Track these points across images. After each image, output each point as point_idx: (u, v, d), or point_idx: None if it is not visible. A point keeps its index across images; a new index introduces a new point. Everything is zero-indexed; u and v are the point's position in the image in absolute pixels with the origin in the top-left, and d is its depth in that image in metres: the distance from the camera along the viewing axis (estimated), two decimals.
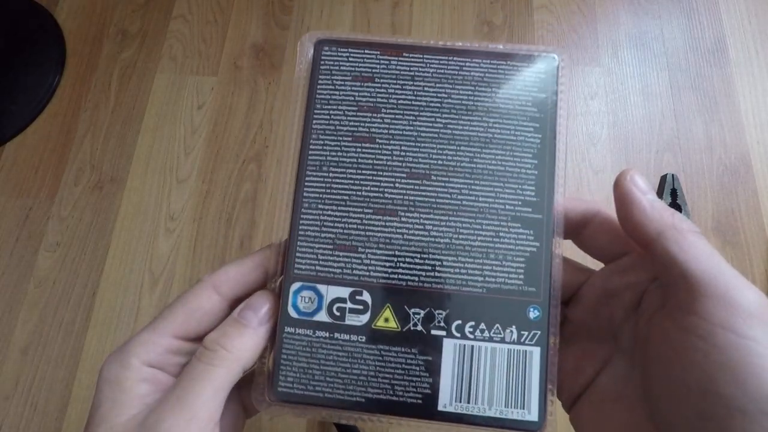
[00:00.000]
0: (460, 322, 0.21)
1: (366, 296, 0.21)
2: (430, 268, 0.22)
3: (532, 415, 0.21)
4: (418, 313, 0.21)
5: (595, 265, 0.23)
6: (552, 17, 0.54)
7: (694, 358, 0.17)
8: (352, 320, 0.21)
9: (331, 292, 0.21)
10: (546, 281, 0.22)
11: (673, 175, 0.45)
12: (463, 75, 0.23)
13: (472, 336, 0.21)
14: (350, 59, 0.23)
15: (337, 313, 0.21)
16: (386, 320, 0.21)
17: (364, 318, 0.21)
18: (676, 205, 0.44)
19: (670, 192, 0.45)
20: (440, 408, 0.20)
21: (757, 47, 0.53)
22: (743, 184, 0.48)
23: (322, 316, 0.21)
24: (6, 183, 0.48)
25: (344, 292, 0.21)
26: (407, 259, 0.22)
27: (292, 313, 0.21)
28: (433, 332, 0.21)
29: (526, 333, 0.22)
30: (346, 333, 0.21)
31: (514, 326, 0.21)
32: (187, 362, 0.20)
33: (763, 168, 0.48)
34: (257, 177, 0.48)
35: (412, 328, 0.21)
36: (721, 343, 0.16)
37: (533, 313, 0.22)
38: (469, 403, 0.21)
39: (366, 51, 0.23)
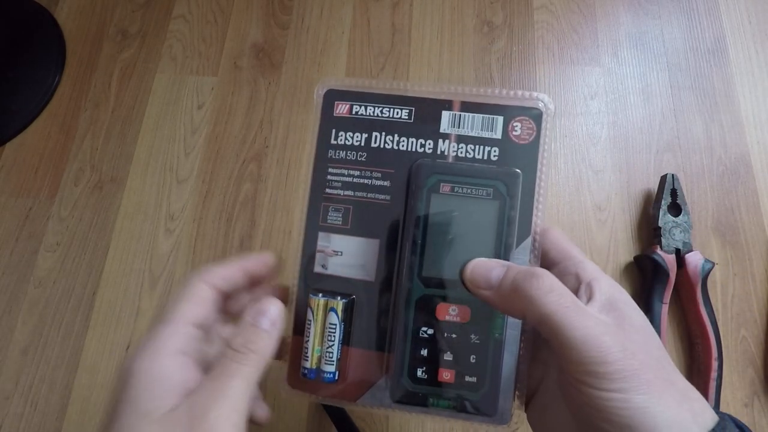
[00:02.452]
0: None
1: None
2: None
3: None
4: None
5: None
6: (552, 17, 0.54)
7: (573, 403, 0.21)
8: None
9: None
10: None
11: (673, 175, 0.45)
12: None
13: None
14: None
15: None
16: None
17: None
18: (676, 205, 0.44)
19: (670, 192, 0.45)
20: None
21: (757, 47, 0.53)
22: (743, 184, 0.48)
23: None
24: (6, 183, 0.48)
25: None
26: None
27: None
28: None
29: None
30: None
31: None
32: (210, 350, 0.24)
33: (763, 168, 0.48)
34: (257, 177, 0.48)
35: None
36: (587, 396, 0.20)
37: None
38: None
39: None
